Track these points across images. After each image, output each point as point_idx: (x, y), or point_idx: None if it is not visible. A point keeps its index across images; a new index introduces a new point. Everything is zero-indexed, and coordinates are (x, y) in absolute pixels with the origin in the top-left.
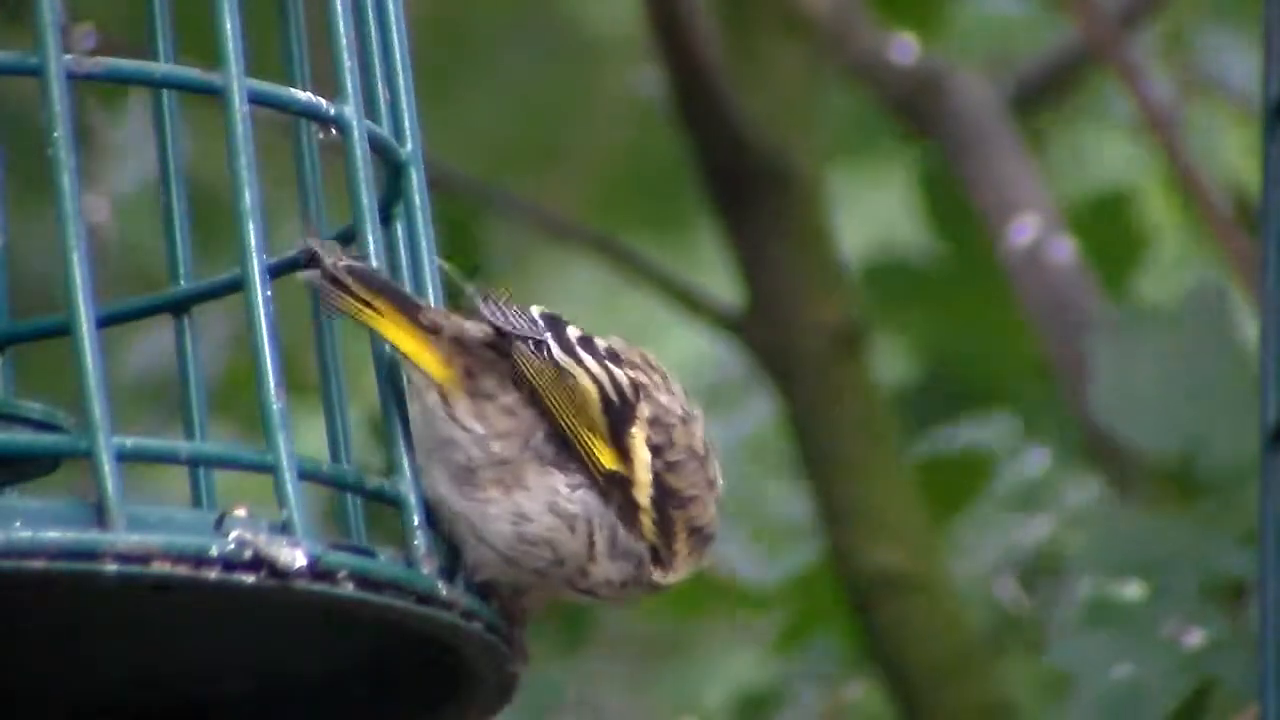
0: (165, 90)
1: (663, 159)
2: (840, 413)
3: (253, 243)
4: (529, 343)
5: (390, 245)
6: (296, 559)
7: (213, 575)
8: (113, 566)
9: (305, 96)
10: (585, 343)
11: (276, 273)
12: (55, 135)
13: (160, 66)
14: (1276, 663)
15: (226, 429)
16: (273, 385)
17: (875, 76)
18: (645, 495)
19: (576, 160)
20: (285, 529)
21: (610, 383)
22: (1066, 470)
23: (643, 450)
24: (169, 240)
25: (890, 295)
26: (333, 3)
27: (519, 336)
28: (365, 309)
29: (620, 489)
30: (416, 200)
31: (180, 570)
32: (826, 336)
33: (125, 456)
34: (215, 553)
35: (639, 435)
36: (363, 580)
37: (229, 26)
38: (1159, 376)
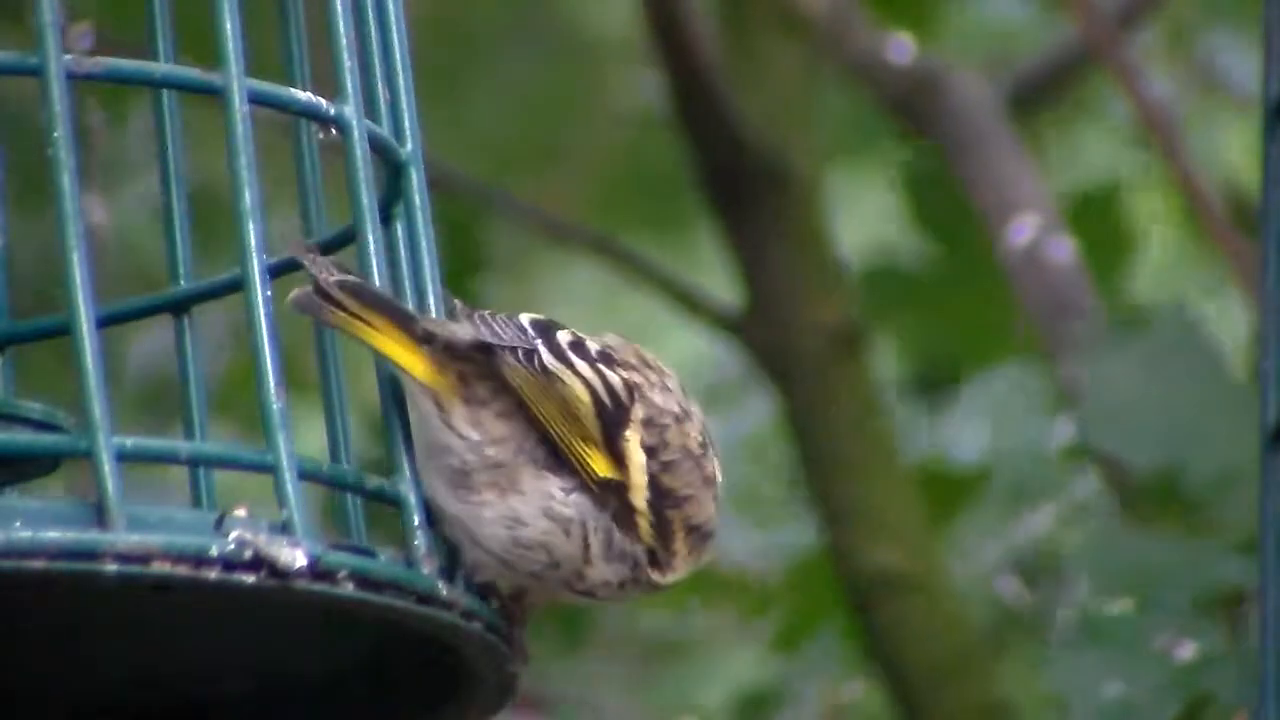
0: (165, 90)
1: (662, 160)
2: (839, 412)
3: (253, 243)
4: (518, 353)
5: (390, 245)
6: (296, 559)
7: (213, 575)
8: (113, 566)
9: (305, 96)
10: (577, 347)
11: (276, 273)
12: (55, 135)
13: (160, 66)
14: (1276, 670)
15: (226, 429)
16: (273, 385)
17: (872, 76)
18: (641, 498)
19: (576, 161)
20: (285, 529)
21: (603, 387)
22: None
23: (637, 453)
24: (169, 240)
25: (883, 298)
26: (333, 3)
27: (506, 348)
28: (359, 323)
29: (616, 494)
30: (416, 200)
31: (180, 570)
32: (825, 336)
33: (125, 456)
34: (215, 553)
35: (633, 438)
36: (363, 580)
37: (229, 26)
38: (1143, 391)
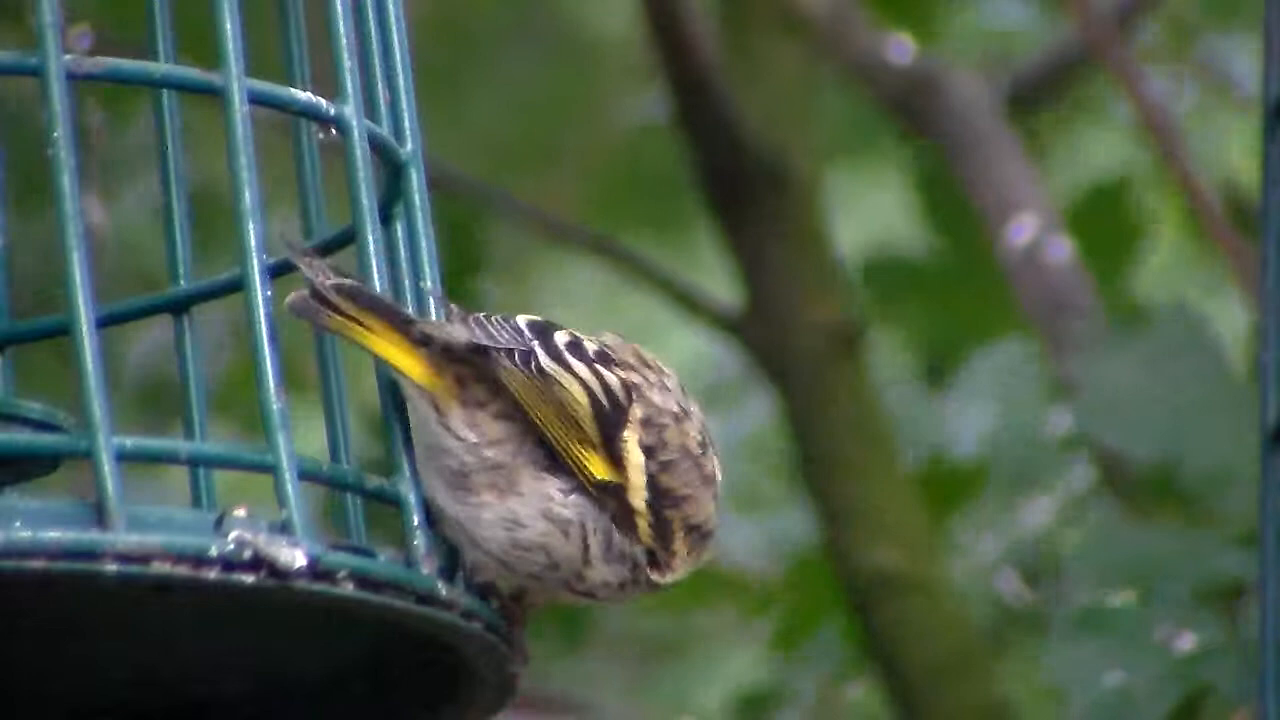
0: (165, 90)
1: (662, 160)
2: (838, 412)
3: (253, 243)
4: (514, 355)
5: (390, 245)
6: (296, 559)
7: (213, 575)
8: (113, 566)
9: (305, 96)
10: (574, 348)
11: (276, 273)
12: (55, 135)
13: (160, 66)
14: (1277, 664)
15: (226, 429)
16: (273, 385)
17: (872, 76)
18: (640, 498)
19: (576, 161)
20: (285, 529)
21: (601, 388)
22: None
23: (636, 454)
24: (169, 240)
25: (888, 291)
26: (333, 3)
27: (501, 351)
28: (355, 326)
29: (614, 496)
30: (416, 200)
31: (180, 570)
32: (824, 336)
33: (125, 456)
34: (215, 553)
35: (631, 439)
36: (363, 580)
37: (229, 26)
38: (1142, 386)
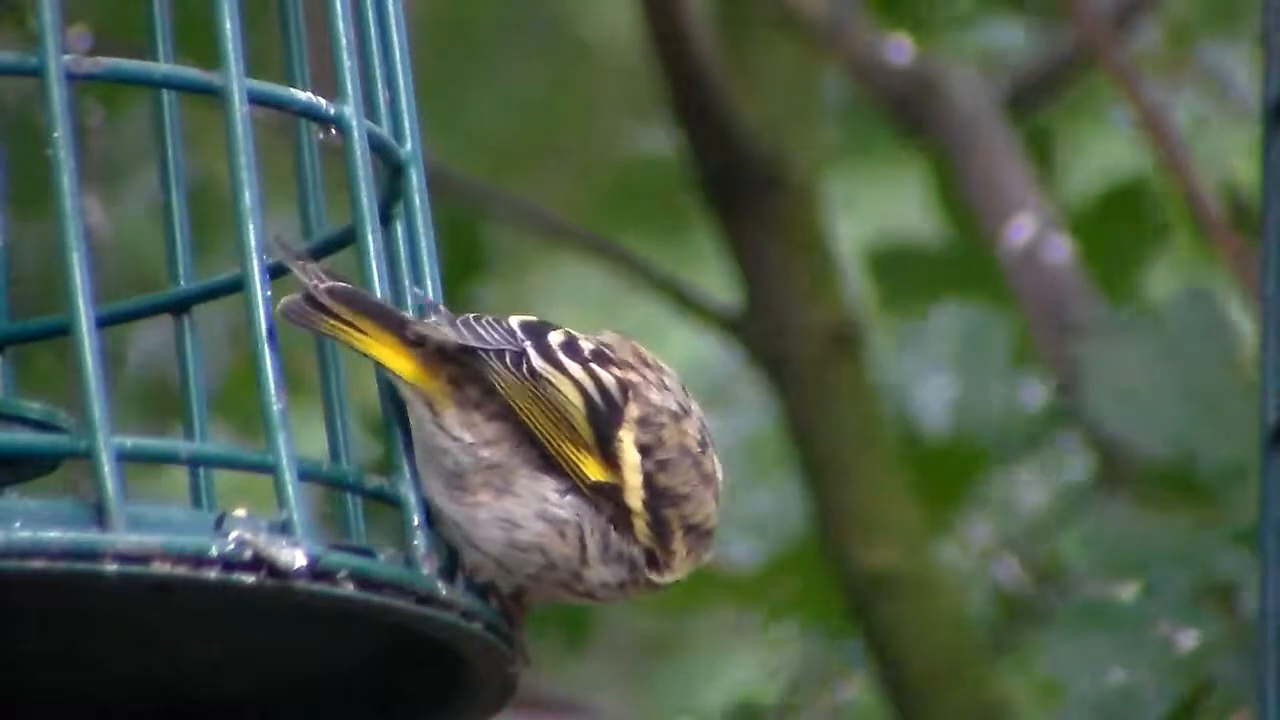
0: (165, 90)
1: (661, 160)
2: (836, 413)
3: (253, 243)
4: (505, 357)
5: (390, 245)
6: (296, 559)
7: (213, 575)
8: (113, 566)
9: (305, 96)
10: (569, 347)
11: (276, 273)
12: (55, 135)
13: (160, 66)
14: (1277, 662)
15: (226, 429)
16: (273, 385)
17: (872, 76)
18: (637, 499)
19: (576, 161)
20: (285, 529)
21: (596, 387)
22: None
23: (632, 453)
24: (169, 240)
25: (897, 282)
26: (333, 3)
27: (491, 352)
28: (349, 329)
29: (610, 497)
30: (416, 200)
31: (180, 570)
32: (822, 337)
33: (125, 456)
34: (215, 553)
35: (627, 438)
36: (363, 580)
37: (229, 26)
38: (1151, 378)
